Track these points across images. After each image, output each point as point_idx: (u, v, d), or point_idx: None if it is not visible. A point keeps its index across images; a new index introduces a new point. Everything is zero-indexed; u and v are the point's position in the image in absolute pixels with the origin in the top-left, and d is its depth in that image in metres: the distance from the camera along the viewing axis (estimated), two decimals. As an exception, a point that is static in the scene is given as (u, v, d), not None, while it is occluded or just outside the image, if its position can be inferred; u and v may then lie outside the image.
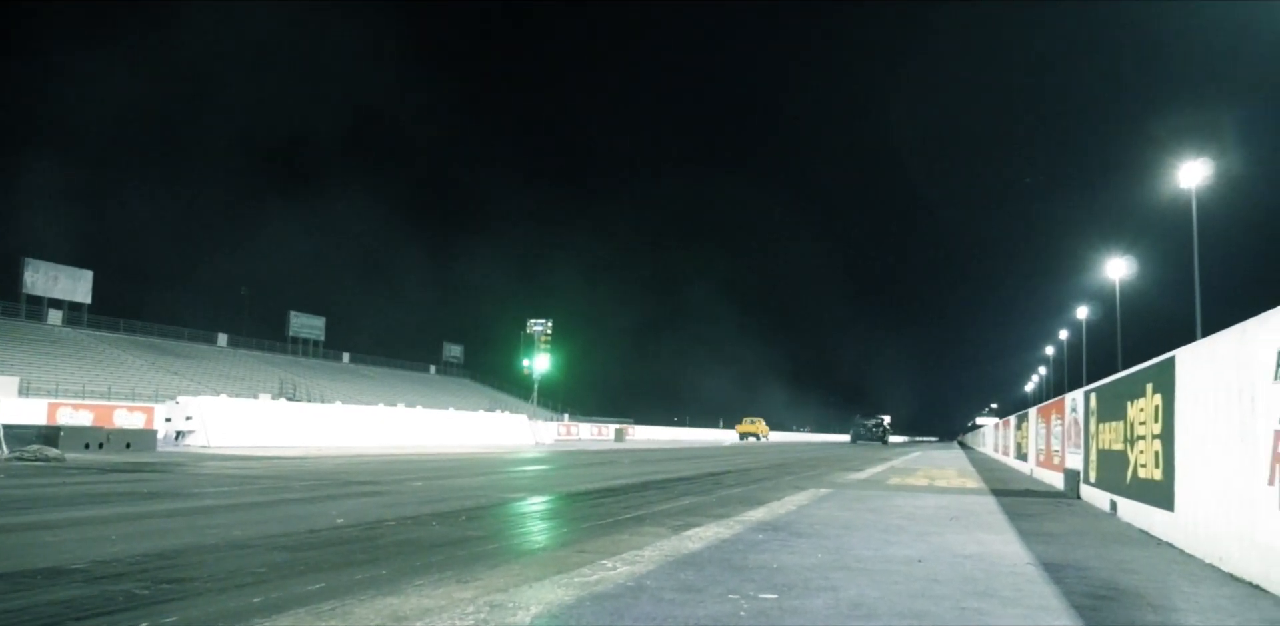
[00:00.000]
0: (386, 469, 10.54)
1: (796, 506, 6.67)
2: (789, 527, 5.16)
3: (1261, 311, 3.68)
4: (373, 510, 5.66)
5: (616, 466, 13.08)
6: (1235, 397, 3.85)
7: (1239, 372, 3.84)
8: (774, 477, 10.86)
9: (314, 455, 13.65)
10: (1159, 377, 5.31)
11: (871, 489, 8.91)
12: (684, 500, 7.11)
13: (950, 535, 5.05)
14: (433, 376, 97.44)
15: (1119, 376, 6.70)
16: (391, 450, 17.04)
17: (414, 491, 7.29)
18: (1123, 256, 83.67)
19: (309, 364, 78.73)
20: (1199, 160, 61.35)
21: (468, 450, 18.65)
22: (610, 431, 61.38)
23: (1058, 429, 10.28)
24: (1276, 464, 3.35)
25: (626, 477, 10.02)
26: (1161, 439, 5.16)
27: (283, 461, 11.47)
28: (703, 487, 8.63)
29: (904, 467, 15.04)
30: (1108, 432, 6.92)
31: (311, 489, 7.30)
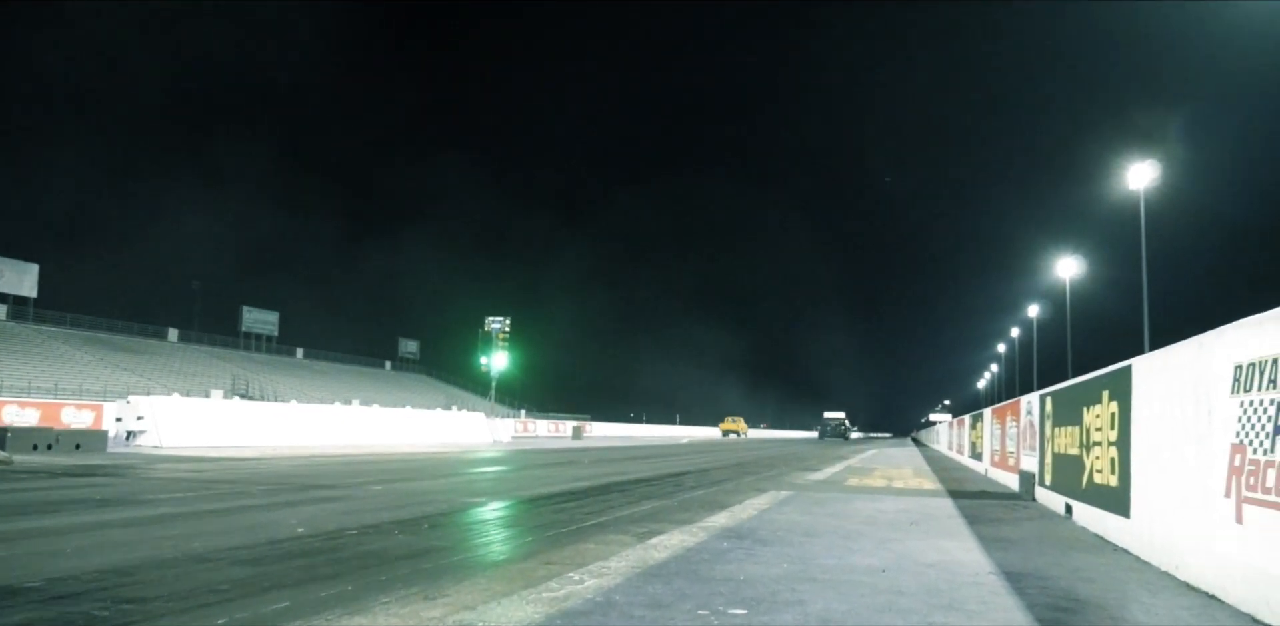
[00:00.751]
0: (344, 471, 10.43)
1: (758, 510, 6.70)
2: (752, 535, 5.18)
3: (1211, 312, 3.76)
4: (333, 518, 5.59)
5: (576, 467, 13.06)
6: (1192, 409, 3.92)
7: (1196, 385, 3.91)
8: (734, 478, 10.89)
9: (269, 456, 13.47)
10: (1115, 385, 5.40)
11: (830, 491, 8.97)
12: (646, 504, 7.11)
13: (912, 542, 5.10)
14: (388, 372, 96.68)
15: (1075, 382, 6.80)
16: (348, 450, 16.87)
17: (374, 496, 7.22)
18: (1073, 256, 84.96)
19: (262, 359, 77.76)
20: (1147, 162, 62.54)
21: (425, 449, 18.51)
22: (568, 428, 61.29)
23: (1013, 430, 10.42)
24: (1233, 476, 3.42)
25: (587, 479, 10.00)
26: (1117, 446, 5.25)
27: (238, 463, 11.30)
28: (664, 490, 8.64)
29: (861, 467, 15.17)
30: (1063, 437, 7.03)
31: (269, 494, 7.20)
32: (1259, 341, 3.30)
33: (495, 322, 65.02)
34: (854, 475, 12.17)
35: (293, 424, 19.65)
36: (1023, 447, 9.41)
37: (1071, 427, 6.70)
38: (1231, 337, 3.56)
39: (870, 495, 8.54)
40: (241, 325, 79.10)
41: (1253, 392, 3.29)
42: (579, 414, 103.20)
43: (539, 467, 12.77)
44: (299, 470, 10.38)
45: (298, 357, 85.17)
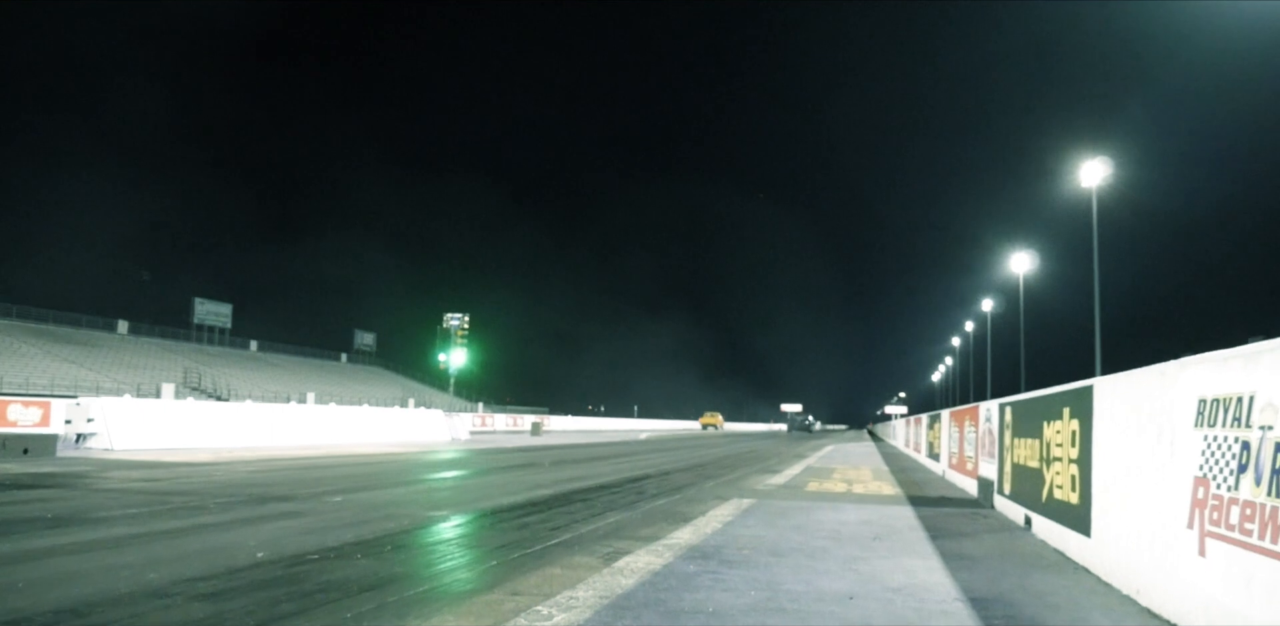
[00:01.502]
0: (302, 478, 10.29)
1: (722, 523, 6.69)
2: (718, 554, 5.17)
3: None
4: (293, 538, 5.49)
5: (537, 470, 13.00)
6: (1154, 437, 3.96)
7: (1158, 414, 3.95)
8: (695, 483, 10.90)
9: (224, 460, 13.25)
10: (1076, 404, 5.45)
11: (792, 498, 9.00)
12: (609, 517, 7.08)
13: (877, 561, 5.11)
14: (344, 365, 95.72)
15: (1036, 395, 6.87)
16: (305, 451, 16.65)
17: (333, 509, 7.12)
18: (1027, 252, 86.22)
19: (215, 352, 76.65)
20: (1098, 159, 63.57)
21: (383, 450, 18.33)
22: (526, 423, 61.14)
23: (971, 435, 10.52)
24: (1196, 509, 3.46)
25: (548, 486, 9.95)
26: (1078, 464, 5.31)
27: (192, 470, 11.10)
28: (626, 499, 8.61)
29: (820, 467, 15.26)
30: (1023, 448, 7.10)
31: (226, 507, 7.07)
32: (1223, 377, 3.33)
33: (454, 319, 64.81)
34: (814, 478, 12.22)
35: (247, 424, 19.35)
36: (981, 454, 9.51)
37: (1031, 440, 6.76)
38: (1195, 371, 3.60)
39: (832, 502, 8.58)
40: (194, 317, 77.86)
41: (1217, 428, 3.32)
42: (537, 407, 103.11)
43: (499, 471, 12.69)
44: (255, 477, 10.22)
45: (251, 350, 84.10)
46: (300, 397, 66.81)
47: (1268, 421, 2.95)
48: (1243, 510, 3.05)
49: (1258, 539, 2.92)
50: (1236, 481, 3.13)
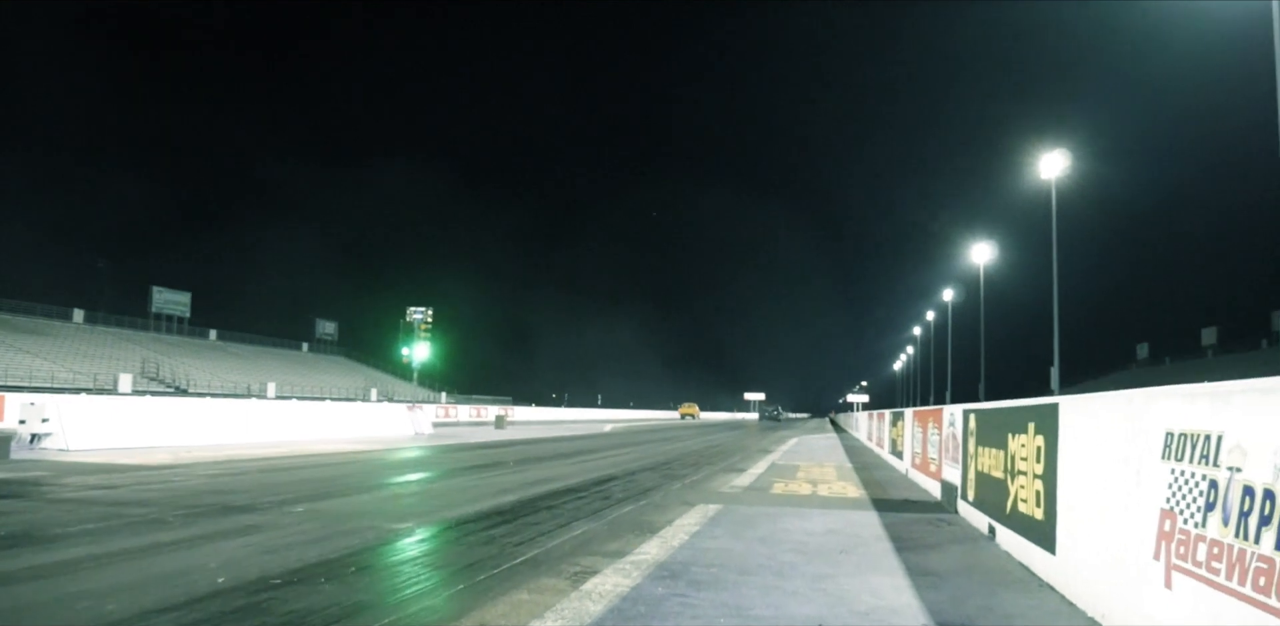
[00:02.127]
0: (262, 483, 10.15)
1: (689, 535, 6.68)
2: (686, 573, 5.15)
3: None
4: (255, 559, 5.40)
5: (501, 471, 12.93)
6: (1121, 464, 3.98)
7: (1125, 442, 3.97)
8: (661, 486, 10.89)
9: (183, 461, 13.05)
10: (1041, 420, 5.49)
11: (758, 502, 9.01)
12: (576, 527, 7.04)
13: (844, 579, 5.12)
14: (305, 354, 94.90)
15: (1000, 406, 6.92)
16: (265, 450, 16.44)
17: (295, 522, 7.01)
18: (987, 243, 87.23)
19: (173, 341, 75.66)
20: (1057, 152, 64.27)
21: (346, 447, 18.16)
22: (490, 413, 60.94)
23: (934, 438, 10.60)
24: (1163, 541, 3.48)
25: (513, 490, 9.89)
26: (1043, 480, 5.34)
27: (150, 474, 10.91)
28: (592, 506, 8.58)
29: (784, 465, 15.32)
30: (987, 457, 7.14)
31: (186, 520, 6.95)
32: (1191, 414, 3.35)
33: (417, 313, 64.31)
34: (779, 477, 12.26)
35: (206, 421, 19.07)
36: (945, 457, 9.57)
37: (996, 451, 6.81)
38: (1163, 405, 3.61)
39: (797, 508, 8.60)
40: (151, 306, 76.85)
41: (1184, 463, 3.34)
42: (500, 396, 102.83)
43: (463, 473, 12.60)
44: (215, 483, 10.07)
45: (211, 340, 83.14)
46: (261, 388, 66.16)
47: (1235, 463, 2.96)
48: (1210, 548, 3.07)
49: (1225, 579, 2.94)
50: (1204, 519, 3.15)
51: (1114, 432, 4.12)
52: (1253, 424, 2.89)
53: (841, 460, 16.96)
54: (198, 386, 62.07)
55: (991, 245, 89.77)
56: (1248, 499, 2.85)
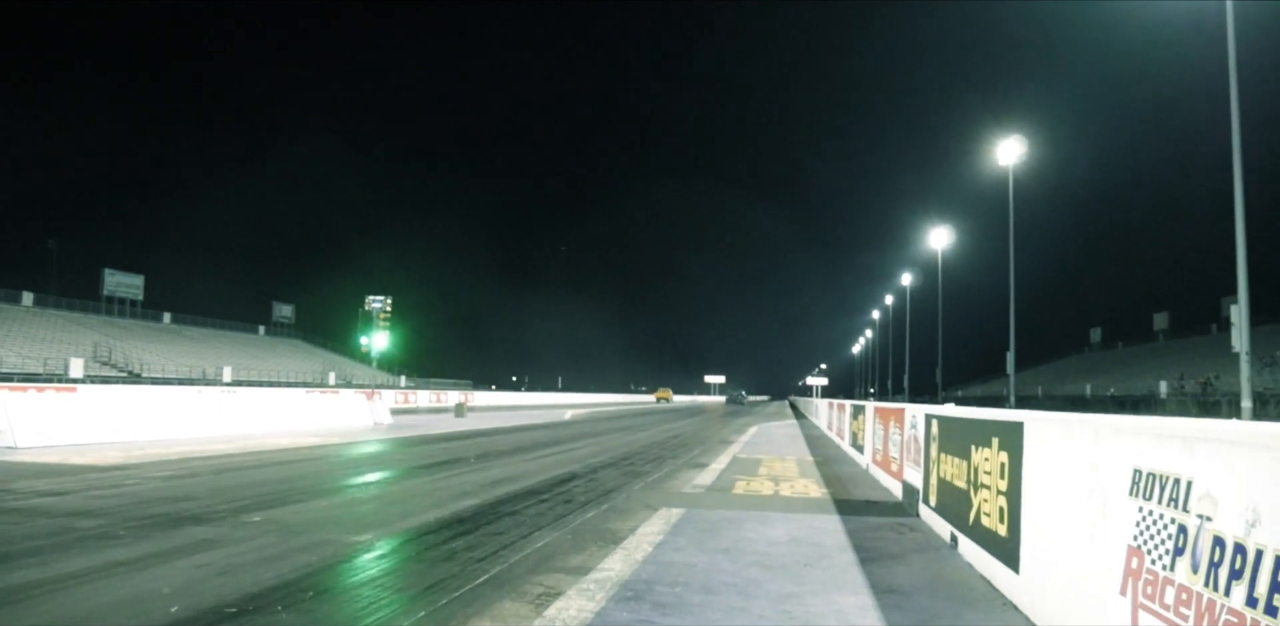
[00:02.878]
0: (217, 486, 9.95)
1: (652, 546, 6.63)
2: (650, 593, 5.10)
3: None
4: (210, 582, 5.26)
5: (462, 469, 12.80)
6: (1087, 494, 3.97)
7: (1090, 472, 3.96)
8: (623, 486, 10.84)
9: (135, 460, 12.80)
10: (1005, 437, 5.49)
11: (720, 505, 8.99)
12: (538, 538, 6.97)
13: (809, 599, 5.10)
14: (262, 337, 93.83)
15: (964, 416, 6.92)
16: (220, 445, 16.18)
17: (251, 535, 6.86)
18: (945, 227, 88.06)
19: (126, 325, 74.44)
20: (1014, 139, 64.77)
21: (303, 441, 17.92)
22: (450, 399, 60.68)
23: (896, 437, 10.63)
24: (1129, 578, 3.47)
25: (474, 493, 9.79)
26: (1007, 497, 5.35)
27: (101, 476, 10.67)
28: (555, 511, 8.51)
29: (746, 458, 15.34)
30: (950, 465, 7.16)
31: (138, 534, 6.78)
32: (1160, 455, 3.33)
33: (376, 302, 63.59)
34: (741, 474, 12.26)
35: (160, 414, 18.75)
36: (907, 459, 9.61)
37: (959, 460, 6.82)
38: (1130, 442, 3.60)
39: (760, 511, 8.58)
40: (103, 288, 75.49)
41: (1153, 503, 3.33)
42: (460, 380, 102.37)
43: (423, 471, 12.44)
44: (168, 486, 9.87)
45: (165, 323, 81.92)
46: (217, 372, 65.26)
47: (1206, 512, 2.95)
48: (1179, 594, 3.06)
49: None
50: (1172, 562, 3.13)
51: (1080, 461, 4.11)
52: (1223, 475, 2.87)
53: (803, 453, 17.02)
54: (151, 371, 61.12)
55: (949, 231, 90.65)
56: (1218, 549, 2.84)
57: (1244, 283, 34.32)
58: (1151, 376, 65.58)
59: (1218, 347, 68.22)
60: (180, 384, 58.57)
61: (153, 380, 58.27)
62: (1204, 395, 49.62)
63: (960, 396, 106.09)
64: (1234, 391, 46.02)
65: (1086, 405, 65.00)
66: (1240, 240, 34.17)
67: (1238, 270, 34.27)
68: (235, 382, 64.53)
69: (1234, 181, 33.76)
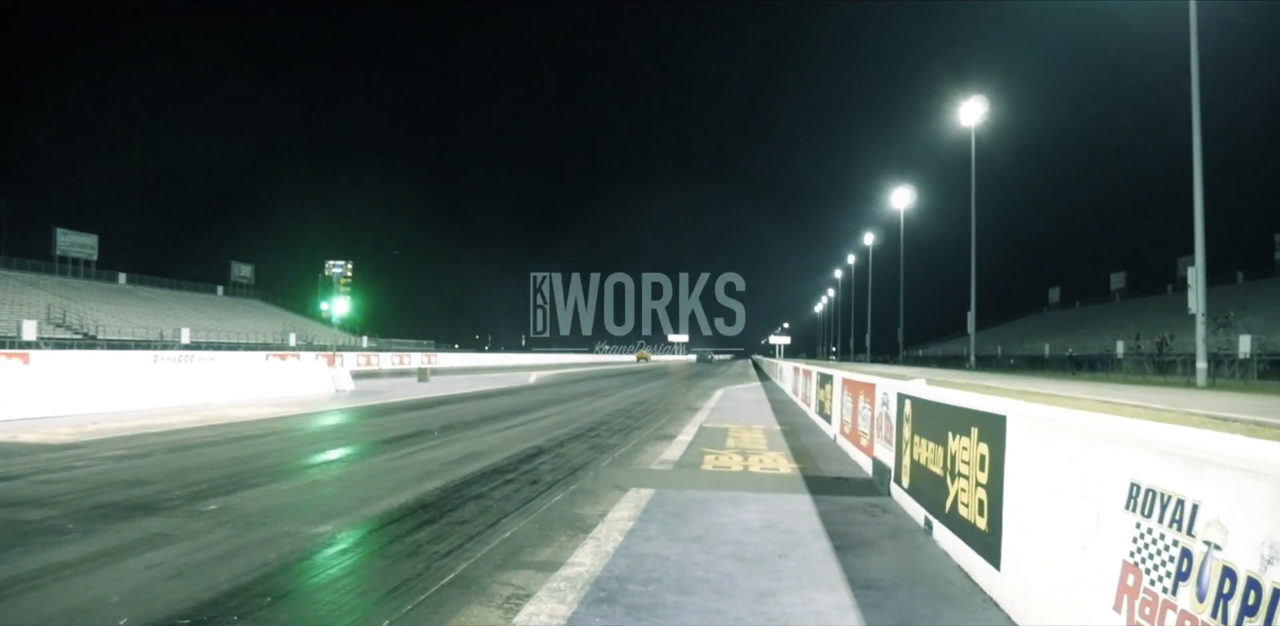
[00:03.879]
0: (171, 468, 9.64)
1: (623, 534, 6.48)
2: (623, 594, 4.94)
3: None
4: (161, 586, 5.02)
5: (425, 442, 12.58)
6: (1079, 500, 3.83)
7: (1082, 479, 3.81)
8: (590, 462, 10.69)
9: (87, 437, 12.44)
10: (986, 429, 5.35)
11: (689, 485, 8.85)
12: (506, 527, 6.79)
13: (786, 595, 4.97)
14: (220, 298, 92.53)
15: (940, 401, 6.75)
16: (176, 417, 15.81)
17: (207, 528, 6.59)
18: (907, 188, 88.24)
19: (80, 286, 73.05)
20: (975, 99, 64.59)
21: (262, 412, 17.57)
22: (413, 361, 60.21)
23: (865, 412, 10.54)
24: (1124, 594, 3.34)
25: (438, 472, 9.58)
26: (987, 490, 5.22)
27: (51, 458, 10.30)
28: (521, 494, 8.33)
29: (713, 427, 15.26)
30: (924, 449, 7.04)
31: (87, 527, 6.50)
32: (1161, 471, 3.18)
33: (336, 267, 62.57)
34: (709, 446, 12.16)
35: (115, 383, 18.29)
36: (877, 435, 9.52)
37: (934, 444, 6.70)
38: (1127, 454, 3.44)
39: (730, 491, 8.46)
40: (55, 248, 73.97)
41: (1152, 521, 3.18)
42: (423, 341, 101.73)
43: (386, 447, 12.17)
44: (121, 468, 9.55)
45: (120, 283, 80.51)
46: (175, 333, 64.25)
47: (1215, 539, 2.80)
48: (1182, 620, 2.92)
49: (1198, 657, 2.80)
50: (1174, 586, 2.99)
51: (1070, 465, 3.97)
52: (1235, 504, 2.72)
53: (770, 421, 16.96)
54: (108, 333, 60.08)
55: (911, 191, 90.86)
56: (1229, 581, 2.69)
57: (1201, 246, 34.72)
58: (1108, 335, 66.51)
59: (1173, 307, 69.32)
60: (137, 346, 57.64)
61: (109, 342, 57.28)
62: (1160, 355, 50.40)
63: (920, 355, 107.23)
64: (1189, 351, 46.79)
65: (1045, 364, 65.89)
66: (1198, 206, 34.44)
67: (1195, 234, 34.62)
68: (194, 344, 63.65)
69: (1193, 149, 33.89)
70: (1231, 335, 47.51)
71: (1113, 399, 21.98)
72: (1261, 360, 41.82)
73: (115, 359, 37.70)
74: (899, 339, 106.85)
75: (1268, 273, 70.93)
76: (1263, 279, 70.55)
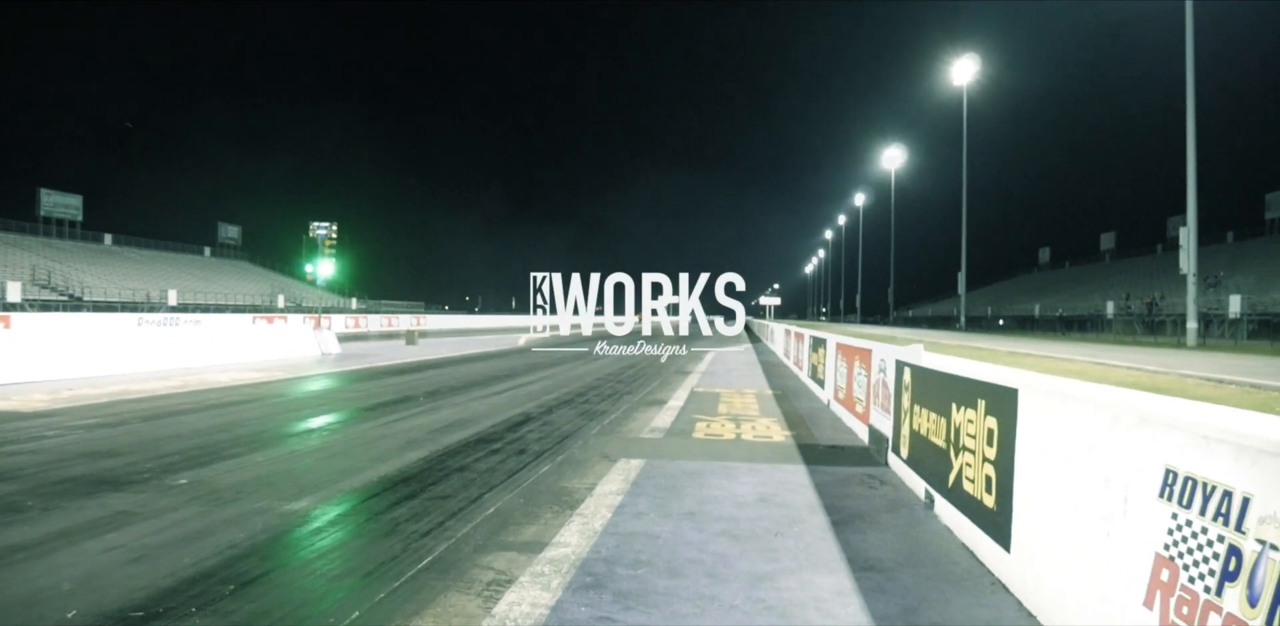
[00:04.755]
0: (144, 437, 9.31)
1: (611, 510, 6.20)
2: (611, 578, 4.66)
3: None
4: (118, 572, 4.71)
5: (410, 409, 12.27)
6: (1103, 484, 3.54)
7: (1107, 462, 3.51)
8: (579, 429, 10.42)
9: (60, 404, 12.10)
10: (995, 402, 5.04)
11: (680, 454, 8.58)
12: (489, 502, 6.50)
13: (783, 579, 4.70)
14: (208, 259, 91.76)
15: (942, 371, 6.45)
16: (156, 383, 15.47)
17: (174, 505, 6.28)
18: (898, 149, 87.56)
19: (65, 247, 72.27)
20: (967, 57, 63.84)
21: (244, 377, 17.23)
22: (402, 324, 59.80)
23: (861, 377, 10.26)
24: (1157, 590, 3.05)
25: (421, 441, 9.29)
26: (996, 467, 4.94)
27: (21, 426, 9.96)
28: (506, 465, 8.04)
29: (704, 391, 15.01)
30: (925, 420, 6.75)
31: (48, 505, 6.17)
32: (1203, 459, 2.87)
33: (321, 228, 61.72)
34: (700, 413, 11.90)
35: (96, 347, 17.90)
36: (874, 403, 9.24)
37: (935, 416, 6.41)
38: (1161, 437, 3.13)
39: (723, 461, 8.20)
40: (40, 209, 73.11)
41: (1192, 512, 2.88)
42: (413, 303, 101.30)
43: (369, 413, 11.85)
44: (92, 438, 9.22)
45: (106, 244, 79.68)
46: (161, 295, 63.67)
47: (1270, 538, 2.49)
48: (1226, 624, 2.64)
49: (1249, 667, 2.51)
50: (1219, 586, 2.70)
51: (1093, 446, 3.67)
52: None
53: (761, 385, 16.71)
54: (93, 294, 59.49)
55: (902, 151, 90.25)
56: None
57: (1193, 206, 34.41)
58: (1098, 296, 66.48)
59: (1163, 267, 69.24)
60: (124, 308, 57.12)
61: (95, 304, 56.73)
62: (1150, 315, 50.30)
63: (911, 316, 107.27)
64: (1178, 312, 46.71)
65: (1035, 325, 65.85)
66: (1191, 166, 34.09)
67: (1188, 195, 34.30)
68: (181, 306, 63.13)
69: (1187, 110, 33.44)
70: (1221, 295, 47.43)
71: (1105, 360, 21.79)
72: (1251, 320, 41.74)
73: (98, 322, 37.24)
74: (889, 300, 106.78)
75: (1258, 232, 70.79)
76: (1252, 239, 70.44)
